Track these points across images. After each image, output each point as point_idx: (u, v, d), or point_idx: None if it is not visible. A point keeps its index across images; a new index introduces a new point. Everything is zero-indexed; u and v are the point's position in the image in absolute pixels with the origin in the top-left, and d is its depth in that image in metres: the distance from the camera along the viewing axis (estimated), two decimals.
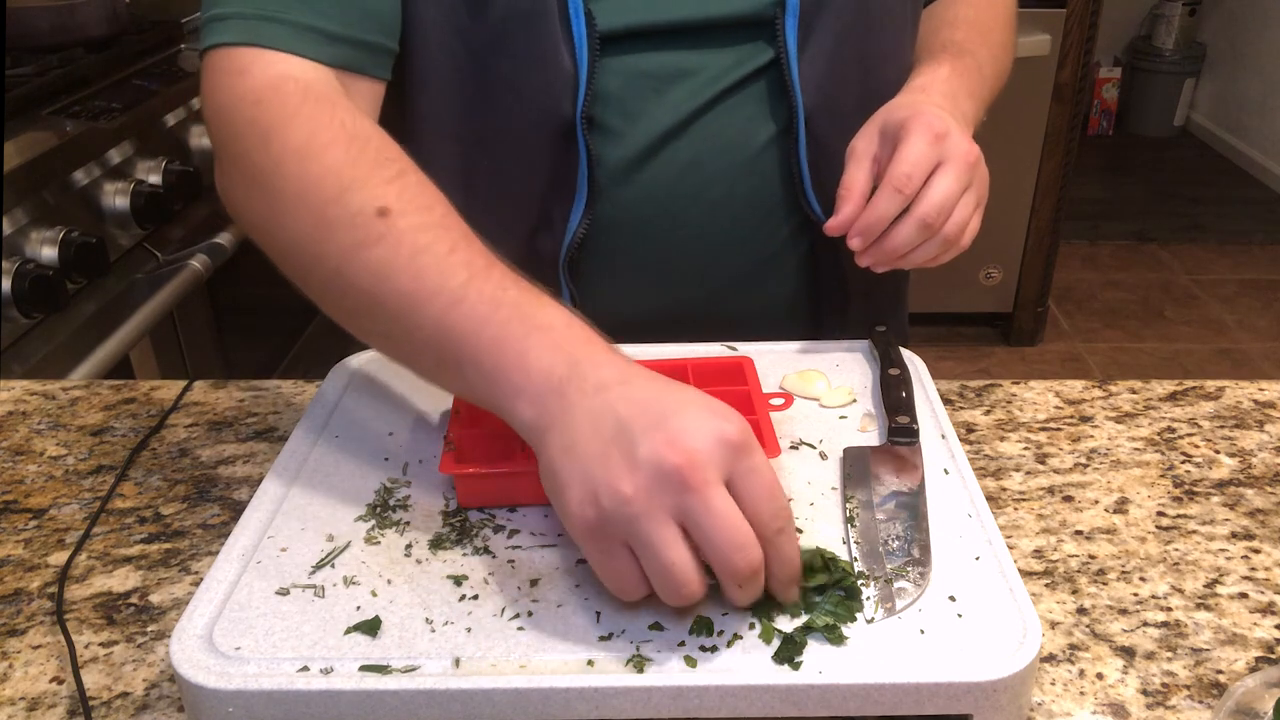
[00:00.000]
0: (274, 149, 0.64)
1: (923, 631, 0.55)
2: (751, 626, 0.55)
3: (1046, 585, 0.65)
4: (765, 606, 0.56)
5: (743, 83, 0.82)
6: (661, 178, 0.82)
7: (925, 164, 0.73)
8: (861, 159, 0.77)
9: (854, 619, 0.55)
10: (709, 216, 0.84)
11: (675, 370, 0.74)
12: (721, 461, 0.51)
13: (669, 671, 0.52)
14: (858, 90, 0.84)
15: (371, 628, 0.55)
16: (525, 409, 0.55)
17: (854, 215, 0.75)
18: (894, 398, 0.74)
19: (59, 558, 0.69)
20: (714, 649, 0.54)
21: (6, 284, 1.23)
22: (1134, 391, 0.86)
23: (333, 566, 0.60)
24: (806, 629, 0.54)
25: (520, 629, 0.55)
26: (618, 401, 0.53)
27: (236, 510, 0.72)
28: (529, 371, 0.55)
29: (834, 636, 0.54)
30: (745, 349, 0.82)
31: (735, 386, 0.72)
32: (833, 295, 0.91)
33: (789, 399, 0.73)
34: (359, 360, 0.82)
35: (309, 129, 0.64)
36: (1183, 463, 0.77)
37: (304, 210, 0.62)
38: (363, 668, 0.53)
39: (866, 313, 0.92)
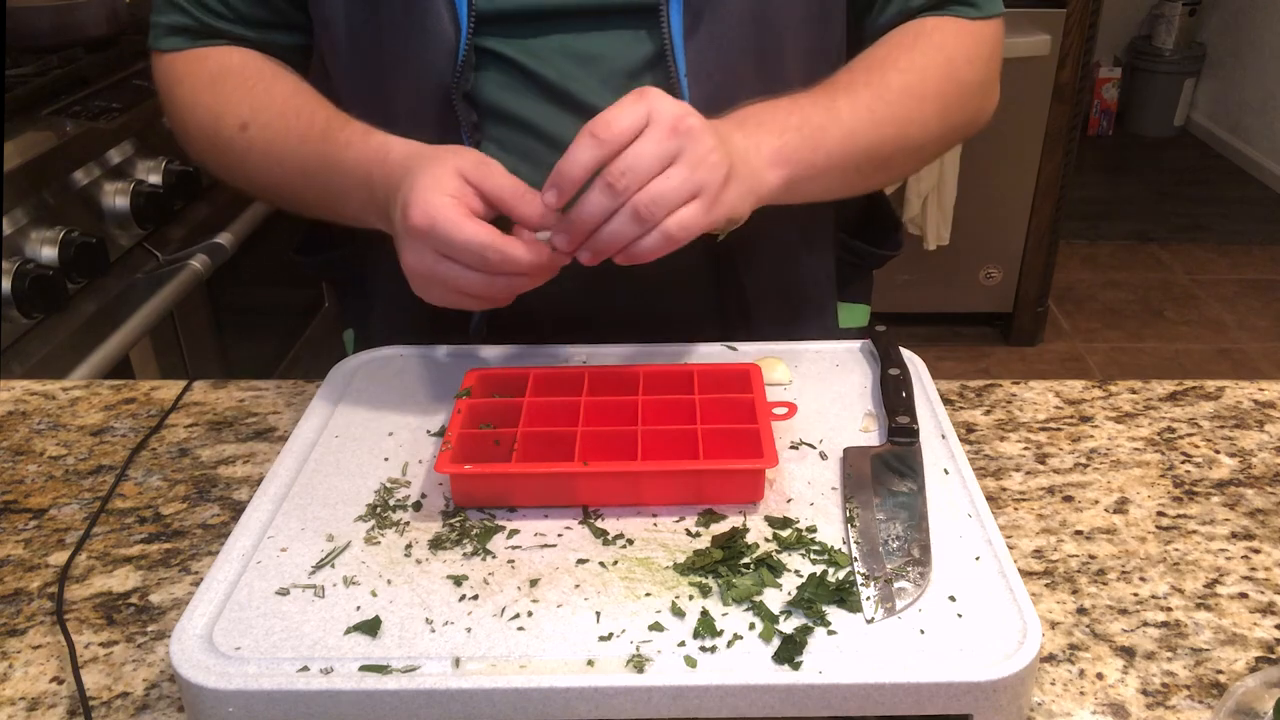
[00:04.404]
0: (174, 108, 0.88)
1: (923, 631, 0.55)
2: (751, 627, 0.55)
3: (1046, 585, 0.65)
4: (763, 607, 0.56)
5: (640, 73, 0.81)
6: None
7: (627, 119, 0.65)
8: None
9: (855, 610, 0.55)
10: None
11: (681, 377, 0.74)
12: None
13: (669, 671, 0.52)
14: (755, 86, 0.81)
15: (371, 628, 0.55)
16: (375, 220, 0.74)
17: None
18: (894, 398, 0.74)
19: (59, 558, 0.69)
20: (714, 649, 0.54)
21: (6, 284, 1.23)
22: (1134, 391, 0.86)
23: (333, 566, 0.60)
24: (806, 628, 0.54)
25: (520, 629, 0.55)
26: (402, 177, 0.69)
27: (236, 510, 0.72)
28: (350, 192, 0.75)
29: (822, 620, 0.55)
30: (745, 349, 0.82)
31: (740, 394, 0.72)
32: (734, 301, 0.89)
33: (792, 408, 0.73)
34: (359, 360, 0.82)
35: (189, 85, 0.86)
36: (1183, 463, 0.77)
37: (203, 143, 0.86)
38: (363, 668, 0.53)
39: (779, 322, 0.91)
